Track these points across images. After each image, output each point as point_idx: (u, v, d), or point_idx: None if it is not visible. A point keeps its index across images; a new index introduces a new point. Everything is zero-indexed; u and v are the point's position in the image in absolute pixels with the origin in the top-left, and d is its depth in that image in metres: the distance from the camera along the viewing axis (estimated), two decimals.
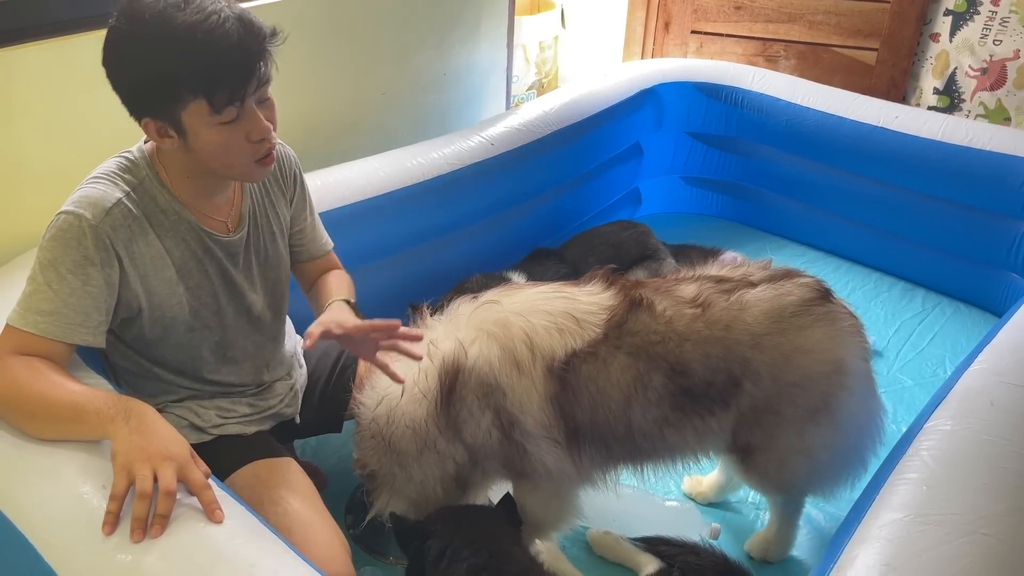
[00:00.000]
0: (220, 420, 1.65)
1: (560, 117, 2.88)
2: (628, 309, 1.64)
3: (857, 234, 3.22)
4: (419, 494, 1.70)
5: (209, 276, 1.55)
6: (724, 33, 3.86)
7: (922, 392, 2.51)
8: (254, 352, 1.70)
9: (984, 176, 2.73)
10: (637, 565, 1.87)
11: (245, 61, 1.33)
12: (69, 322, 1.36)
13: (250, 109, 1.37)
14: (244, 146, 1.40)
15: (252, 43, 1.34)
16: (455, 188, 2.53)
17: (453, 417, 1.63)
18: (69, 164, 1.97)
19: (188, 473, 1.23)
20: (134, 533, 1.15)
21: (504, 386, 1.61)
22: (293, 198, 1.72)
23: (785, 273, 1.75)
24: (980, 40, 3.32)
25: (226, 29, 1.31)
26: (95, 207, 1.38)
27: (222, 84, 1.31)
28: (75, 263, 1.36)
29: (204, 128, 1.35)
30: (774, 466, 1.75)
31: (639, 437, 1.66)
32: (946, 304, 3.01)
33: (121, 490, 1.18)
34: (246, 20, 1.34)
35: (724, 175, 3.51)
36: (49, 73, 1.93)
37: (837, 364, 1.67)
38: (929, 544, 1.24)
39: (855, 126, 2.95)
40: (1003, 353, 1.74)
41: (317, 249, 1.82)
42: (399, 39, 2.84)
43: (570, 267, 2.70)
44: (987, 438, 1.47)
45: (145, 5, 1.30)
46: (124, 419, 1.25)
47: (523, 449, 1.63)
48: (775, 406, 1.67)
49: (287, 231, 1.74)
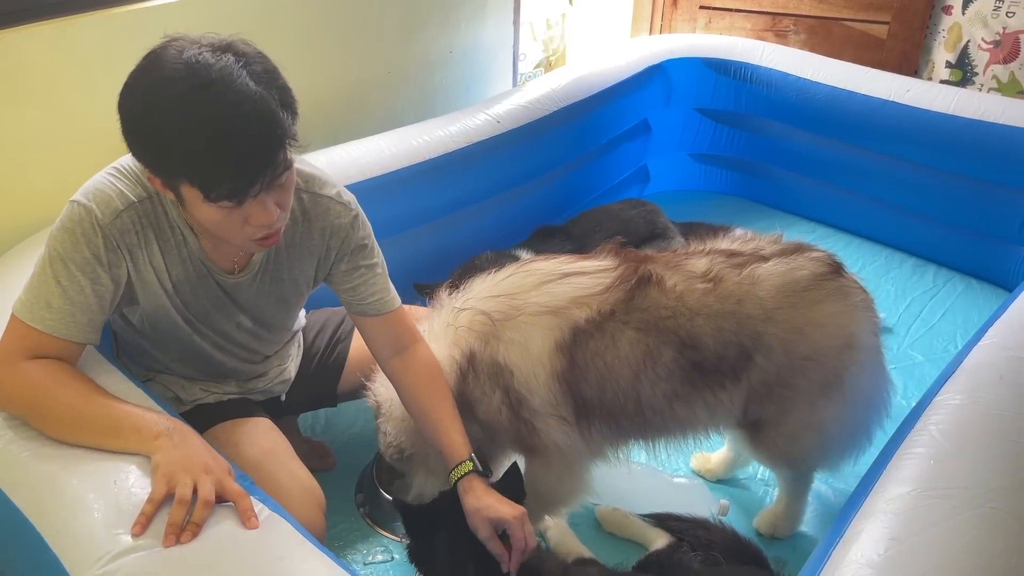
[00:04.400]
0: (203, 394, 1.67)
1: (567, 94, 2.86)
2: (636, 284, 1.64)
3: (868, 210, 3.20)
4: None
5: (201, 299, 1.52)
6: (733, 8, 3.82)
7: (933, 368, 2.50)
8: (247, 353, 1.70)
9: (996, 150, 2.70)
10: (647, 540, 1.88)
11: (254, 170, 1.22)
12: (76, 321, 1.34)
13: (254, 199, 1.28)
14: (244, 229, 1.31)
15: (267, 152, 1.23)
16: (462, 166, 2.52)
17: (467, 396, 1.64)
18: (74, 146, 1.98)
19: (226, 485, 1.24)
20: (167, 538, 1.14)
21: (511, 365, 1.61)
22: (330, 262, 1.58)
23: (797, 247, 1.74)
24: (993, 12, 3.27)
25: (243, 129, 1.19)
26: (107, 206, 1.34)
27: (221, 186, 1.22)
28: (85, 261, 1.34)
29: (199, 204, 1.26)
30: (784, 440, 1.76)
31: (649, 412, 1.66)
32: (957, 280, 2.99)
33: (160, 496, 1.18)
34: (270, 123, 1.22)
35: (733, 152, 3.48)
36: (53, 54, 1.93)
37: (849, 338, 1.67)
38: (936, 518, 1.23)
39: (865, 100, 2.92)
40: (1013, 328, 1.73)
41: (370, 308, 1.62)
42: (405, 16, 2.82)
43: (577, 245, 2.69)
44: (996, 412, 1.46)
45: (166, 75, 1.19)
46: (167, 436, 1.26)
47: (531, 426, 1.64)
48: (787, 379, 1.67)
49: (311, 285, 1.63)
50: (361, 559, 1.90)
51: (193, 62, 1.19)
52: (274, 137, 1.23)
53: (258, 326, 1.65)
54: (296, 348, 1.89)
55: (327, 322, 1.97)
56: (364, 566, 1.89)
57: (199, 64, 1.19)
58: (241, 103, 1.19)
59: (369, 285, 1.60)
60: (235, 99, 1.19)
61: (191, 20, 2.17)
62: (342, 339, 1.94)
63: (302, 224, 1.51)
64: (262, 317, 1.64)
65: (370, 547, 1.94)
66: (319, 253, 1.56)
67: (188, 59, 1.19)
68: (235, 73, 1.20)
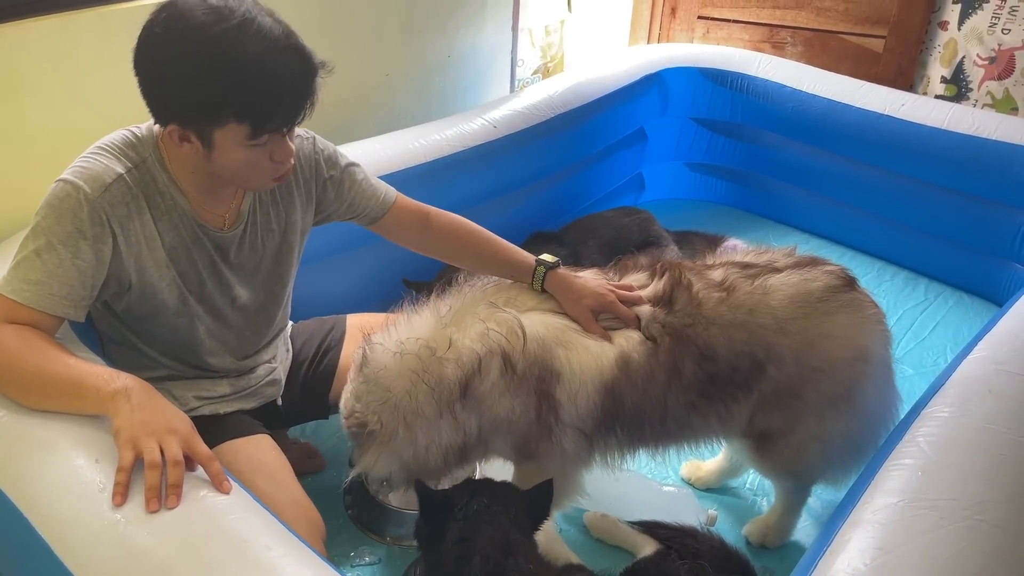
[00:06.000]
0: (197, 403, 1.65)
1: (564, 100, 2.87)
2: (672, 287, 1.66)
3: (861, 222, 3.21)
4: (416, 459, 1.61)
5: (197, 265, 1.53)
6: (731, 19, 3.84)
7: (922, 381, 2.50)
8: (236, 343, 1.69)
9: (990, 165, 2.71)
10: (635, 547, 1.88)
11: (299, 98, 1.34)
12: (53, 293, 1.35)
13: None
14: (266, 166, 1.41)
15: (308, 80, 1.34)
16: (457, 170, 2.53)
17: (479, 392, 1.58)
18: (73, 140, 1.95)
19: (193, 445, 1.24)
20: (150, 503, 1.15)
21: (566, 375, 1.59)
22: (321, 196, 1.68)
23: (811, 260, 1.74)
24: (989, 29, 3.29)
25: (286, 62, 1.30)
26: (95, 181, 1.37)
27: (272, 118, 1.33)
28: (67, 235, 1.35)
29: (233, 146, 1.35)
30: (791, 451, 1.75)
31: (671, 422, 1.66)
32: (948, 294, 3.00)
33: (128, 463, 1.18)
34: (304, 54, 1.33)
35: (728, 162, 3.50)
36: (53, 49, 1.93)
37: (860, 351, 1.67)
38: (923, 529, 1.24)
39: (861, 114, 2.94)
40: (1003, 341, 1.74)
41: (378, 210, 1.75)
42: (403, 18, 2.83)
43: (570, 251, 2.69)
44: (985, 425, 1.46)
45: (198, 20, 1.26)
46: (125, 396, 1.25)
47: (548, 431, 1.62)
48: (798, 390, 1.66)
49: (306, 231, 1.70)
50: (348, 562, 1.90)
51: (219, 5, 1.27)
52: (312, 67, 1.34)
53: (251, 300, 1.65)
54: (284, 351, 1.88)
55: (315, 331, 1.96)
56: (351, 568, 1.88)
57: (226, 7, 1.27)
58: (278, 39, 1.29)
59: (362, 193, 1.72)
60: (271, 36, 1.28)
61: None
62: (332, 347, 1.93)
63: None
64: (255, 282, 1.64)
65: (357, 549, 1.93)
66: (302, 192, 1.64)
67: (212, 4, 1.27)
68: (259, 14, 1.29)
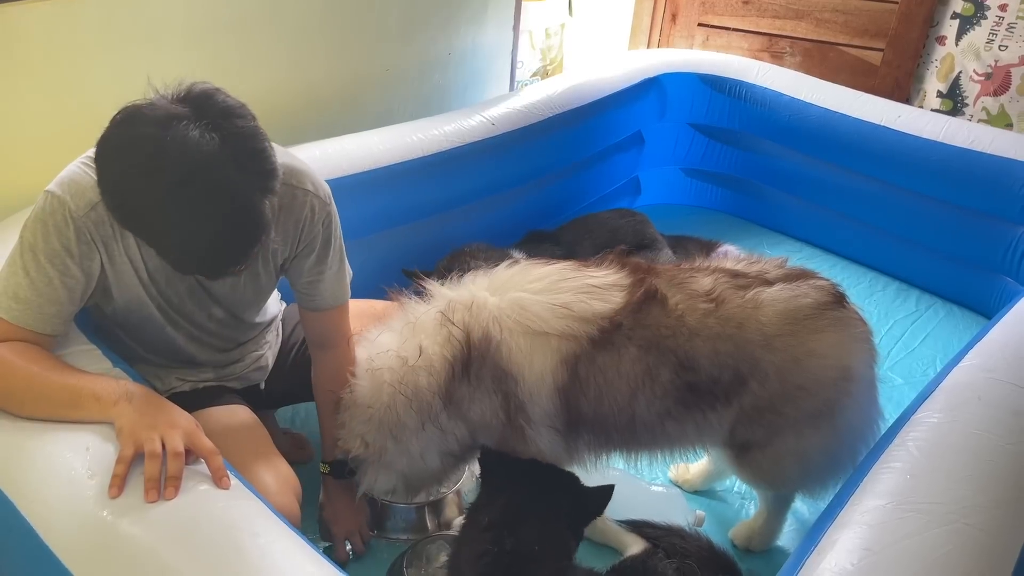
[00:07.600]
0: (179, 383, 1.66)
1: (563, 101, 2.87)
2: (643, 300, 1.61)
3: (854, 232, 3.23)
4: (411, 467, 1.66)
5: (178, 288, 1.53)
6: (731, 27, 3.86)
7: (911, 390, 2.50)
8: (221, 343, 1.70)
9: (984, 179, 2.73)
10: (622, 545, 1.87)
11: (222, 263, 1.28)
12: (43, 312, 1.34)
13: None
14: None
15: (242, 246, 1.26)
16: (454, 166, 2.53)
17: (457, 396, 1.60)
18: (69, 123, 1.97)
19: (195, 440, 1.23)
20: (148, 493, 1.14)
21: (517, 374, 1.58)
22: (298, 247, 1.58)
23: (801, 273, 1.73)
24: (986, 45, 3.32)
25: (214, 231, 1.20)
26: (81, 197, 1.34)
27: (188, 271, 1.34)
28: (55, 252, 1.33)
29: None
30: (768, 464, 1.75)
31: (640, 428, 1.65)
32: (939, 305, 3.02)
33: (128, 455, 1.18)
34: (248, 215, 1.22)
35: (724, 168, 3.51)
36: (51, 31, 1.91)
37: (844, 370, 1.66)
38: (910, 531, 1.24)
39: (857, 124, 2.95)
40: (993, 350, 1.75)
41: (322, 303, 1.67)
42: (405, 15, 2.83)
43: (566, 251, 2.70)
44: (974, 431, 1.47)
45: (143, 160, 1.16)
46: (127, 401, 1.25)
47: (522, 432, 1.63)
48: (778, 407, 1.65)
49: (280, 262, 1.61)
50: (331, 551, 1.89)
51: (176, 142, 1.15)
52: (252, 237, 1.25)
53: (231, 316, 1.65)
54: (274, 335, 1.88)
55: None
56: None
57: (182, 151, 1.15)
58: (221, 202, 1.18)
59: (324, 284, 1.64)
60: (217, 197, 1.18)
61: (193, 8, 2.17)
62: None
63: (280, 216, 1.50)
64: (236, 308, 1.64)
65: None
66: (291, 244, 1.56)
67: (170, 139, 1.15)
68: (218, 161, 1.17)
